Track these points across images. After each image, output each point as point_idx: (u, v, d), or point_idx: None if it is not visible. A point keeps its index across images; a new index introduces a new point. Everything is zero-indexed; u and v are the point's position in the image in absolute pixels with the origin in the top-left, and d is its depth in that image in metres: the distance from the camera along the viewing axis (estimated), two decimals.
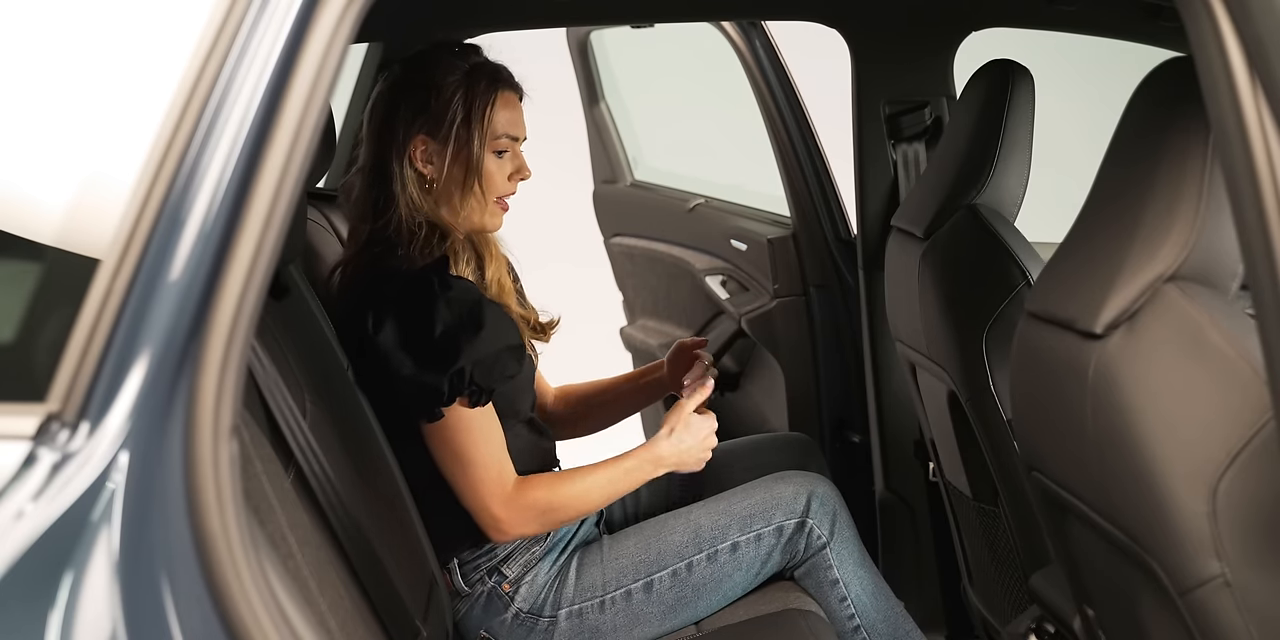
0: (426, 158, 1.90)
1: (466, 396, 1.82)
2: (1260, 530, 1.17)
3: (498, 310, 1.87)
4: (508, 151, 1.94)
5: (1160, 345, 1.24)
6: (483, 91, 1.91)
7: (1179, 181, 1.26)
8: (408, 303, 1.82)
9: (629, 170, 3.53)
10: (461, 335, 1.80)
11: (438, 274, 1.84)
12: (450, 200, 1.92)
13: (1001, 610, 2.18)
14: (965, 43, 2.53)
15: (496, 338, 1.84)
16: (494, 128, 1.91)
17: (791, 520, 2.00)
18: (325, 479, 1.54)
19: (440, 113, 1.90)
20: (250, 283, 1.02)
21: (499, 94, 1.93)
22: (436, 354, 1.79)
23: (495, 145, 1.92)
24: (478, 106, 1.90)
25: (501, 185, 1.94)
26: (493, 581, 1.95)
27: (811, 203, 2.79)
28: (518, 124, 1.95)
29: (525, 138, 1.97)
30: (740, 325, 3.02)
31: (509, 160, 1.94)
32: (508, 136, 1.93)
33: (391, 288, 1.84)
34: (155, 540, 0.99)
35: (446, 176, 1.90)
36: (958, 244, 2.03)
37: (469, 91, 1.91)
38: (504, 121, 1.93)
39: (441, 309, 1.80)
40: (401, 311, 1.82)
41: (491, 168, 1.92)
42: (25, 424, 1.01)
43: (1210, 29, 1.06)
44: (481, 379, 1.82)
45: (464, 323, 1.81)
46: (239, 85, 1.04)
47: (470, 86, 1.91)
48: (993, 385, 1.94)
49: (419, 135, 1.90)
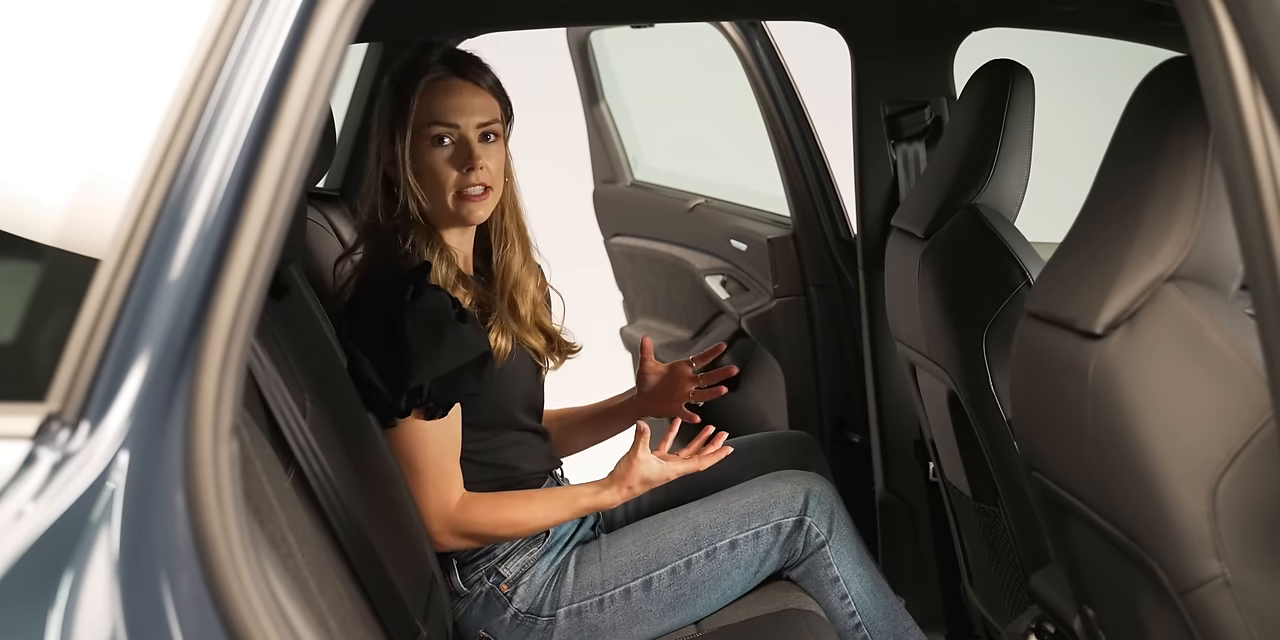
0: (390, 158, 1.90)
1: (422, 409, 1.83)
2: (1260, 530, 1.17)
3: (461, 327, 1.83)
4: (448, 138, 1.87)
5: (1160, 345, 1.24)
6: (405, 83, 1.88)
7: (1179, 181, 1.26)
8: (377, 309, 1.83)
9: (629, 170, 3.53)
10: (420, 352, 1.79)
11: (414, 282, 1.81)
12: (416, 200, 1.90)
13: (1001, 610, 2.18)
14: (965, 43, 2.53)
15: (456, 356, 1.81)
16: (420, 116, 1.86)
17: (790, 519, 2.00)
18: (325, 479, 1.54)
19: (381, 111, 1.91)
20: (250, 283, 1.02)
21: (427, 82, 1.87)
22: (395, 367, 1.80)
23: (429, 133, 1.86)
24: (402, 99, 1.88)
25: (449, 178, 1.87)
26: (491, 582, 1.95)
27: (811, 203, 2.79)
28: (451, 109, 1.87)
29: (485, 124, 1.89)
30: (740, 325, 3.02)
31: (453, 150, 1.87)
32: (441, 123, 1.86)
33: (368, 291, 1.86)
34: (155, 540, 0.99)
35: (406, 174, 1.89)
36: (958, 244, 2.03)
37: (393, 85, 1.90)
38: (436, 109, 1.86)
39: (406, 321, 1.79)
40: (370, 317, 1.83)
41: (432, 160, 1.87)
42: (25, 424, 1.01)
43: (1210, 29, 1.06)
44: (439, 395, 1.82)
45: (423, 338, 1.79)
46: (239, 85, 1.04)
47: (395, 80, 1.90)
48: (993, 385, 1.94)
49: (380, 140, 1.91)
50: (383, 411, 1.84)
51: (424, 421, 1.85)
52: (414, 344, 1.79)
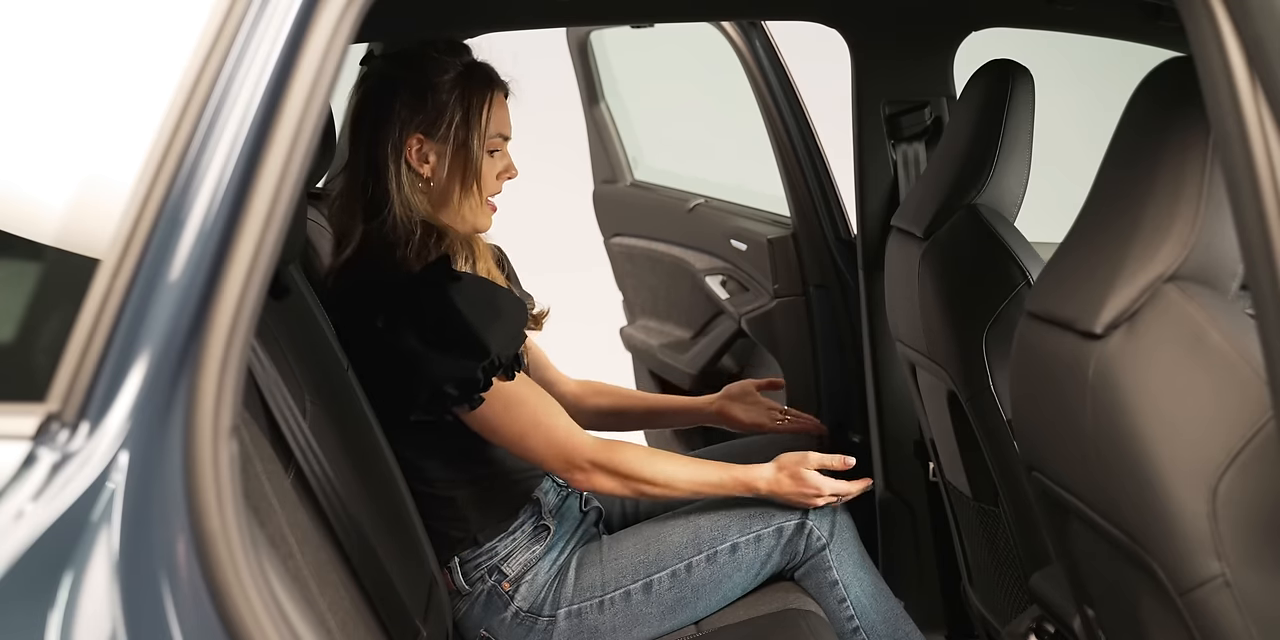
0: (423, 157, 1.91)
1: (502, 374, 1.86)
2: (1260, 530, 1.17)
3: (508, 292, 1.92)
4: (499, 151, 1.97)
5: (1160, 345, 1.24)
6: (479, 90, 1.94)
7: (1179, 181, 1.26)
8: (423, 303, 1.84)
9: (629, 170, 3.53)
10: (485, 325, 1.84)
11: (444, 271, 1.85)
12: (447, 200, 1.93)
13: (1001, 610, 2.18)
14: (965, 43, 2.53)
15: (515, 319, 1.90)
16: (490, 127, 1.94)
17: (791, 521, 2.00)
18: (325, 479, 1.54)
19: (438, 112, 1.91)
20: (250, 283, 1.02)
21: (494, 93, 1.96)
22: (466, 347, 1.83)
23: (490, 144, 1.95)
24: (475, 105, 1.93)
25: (492, 185, 1.98)
26: (493, 580, 1.95)
27: (811, 203, 2.79)
28: (508, 123, 1.99)
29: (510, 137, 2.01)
30: (740, 325, 3.02)
31: (499, 160, 1.98)
32: (500, 136, 1.97)
33: (402, 291, 1.85)
34: (155, 540, 0.99)
35: (446, 176, 1.92)
36: (958, 244, 2.03)
37: (466, 90, 1.92)
38: (498, 121, 1.96)
39: (461, 304, 1.83)
40: (419, 313, 1.84)
41: (485, 167, 1.95)
42: (25, 424, 1.01)
43: (1210, 29, 1.06)
44: (507, 356, 1.87)
45: (484, 313, 1.85)
46: (239, 85, 1.04)
47: (468, 86, 1.93)
48: (993, 385, 1.94)
49: (415, 134, 1.90)
50: (465, 395, 1.84)
51: (508, 382, 1.87)
52: (477, 318, 1.83)
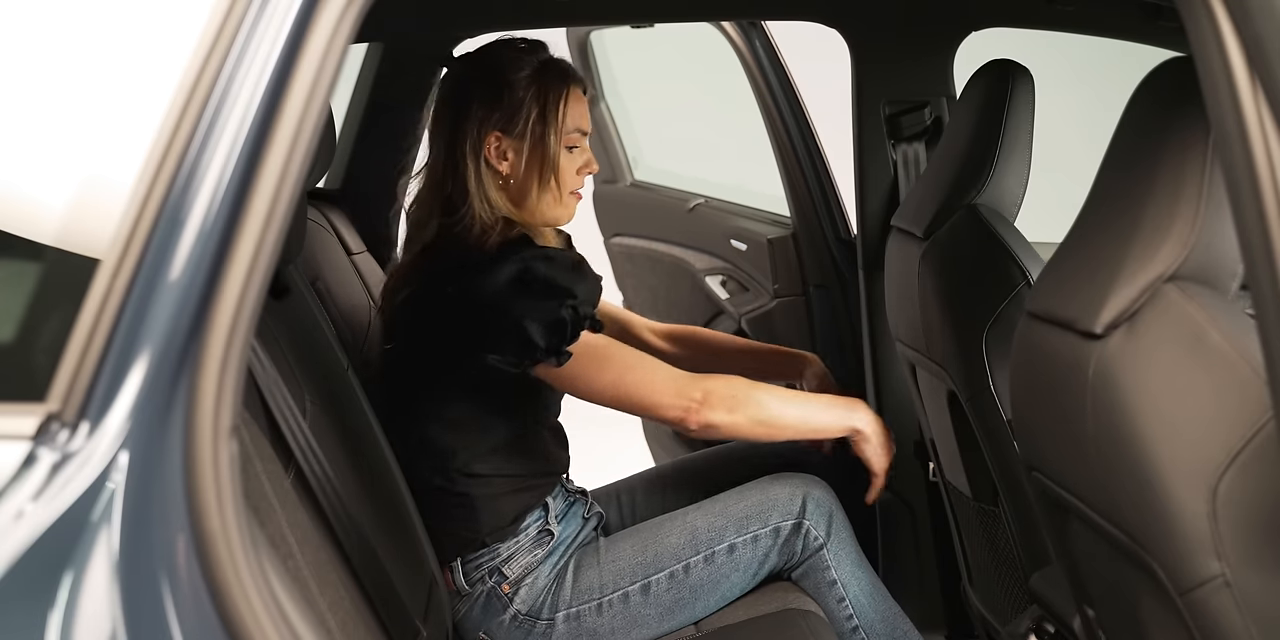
0: (501, 154, 1.92)
1: (589, 327, 1.88)
2: (1260, 530, 1.16)
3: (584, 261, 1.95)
4: (577, 146, 1.97)
5: (1160, 345, 1.24)
6: (555, 87, 1.94)
7: (1179, 181, 1.26)
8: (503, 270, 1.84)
9: (629, 170, 3.53)
10: (569, 280, 1.85)
11: (525, 244, 1.88)
12: (526, 195, 1.95)
13: (1001, 610, 2.18)
14: (965, 43, 2.53)
15: (594, 281, 1.92)
16: (567, 123, 1.94)
17: (788, 522, 2.00)
18: (325, 479, 1.54)
19: (515, 109, 1.91)
20: (250, 283, 1.02)
21: (571, 89, 1.95)
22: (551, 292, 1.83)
23: (568, 140, 1.95)
24: (552, 102, 1.93)
25: (573, 179, 1.97)
26: (493, 581, 1.95)
27: (811, 203, 2.79)
28: (586, 119, 1.99)
29: (590, 132, 2.00)
30: (740, 325, 3.02)
31: (578, 155, 1.97)
32: (579, 131, 1.96)
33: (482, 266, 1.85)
34: (155, 540, 0.99)
35: (524, 172, 1.92)
36: (958, 244, 2.03)
37: (542, 87, 1.93)
38: (575, 116, 1.96)
39: (543, 265, 1.85)
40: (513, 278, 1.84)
41: (564, 162, 1.95)
42: (25, 424, 1.01)
43: (1210, 29, 1.06)
44: (590, 311, 1.88)
45: (567, 272, 1.86)
46: (239, 85, 1.04)
47: (544, 82, 1.93)
48: (993, 385, 1.94)
49: (493, 132, 1.91)
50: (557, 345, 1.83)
51: (594, 335, 1.90)
52: (565, 276, 1.85)
